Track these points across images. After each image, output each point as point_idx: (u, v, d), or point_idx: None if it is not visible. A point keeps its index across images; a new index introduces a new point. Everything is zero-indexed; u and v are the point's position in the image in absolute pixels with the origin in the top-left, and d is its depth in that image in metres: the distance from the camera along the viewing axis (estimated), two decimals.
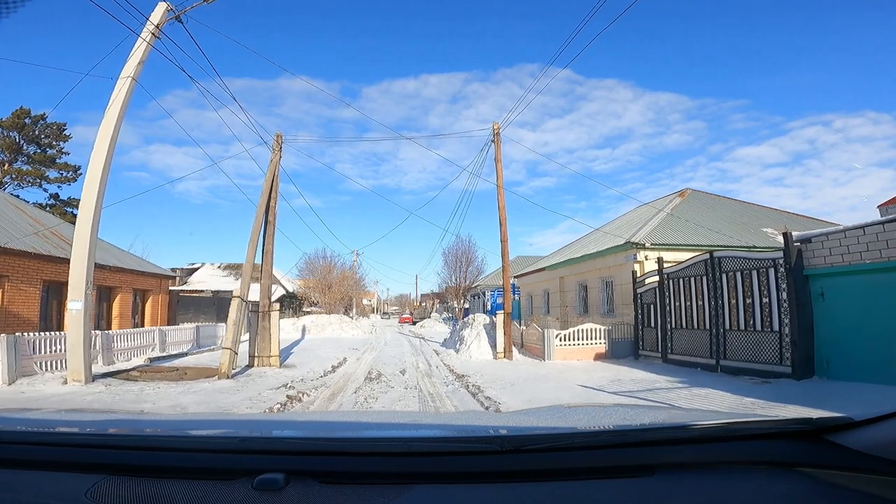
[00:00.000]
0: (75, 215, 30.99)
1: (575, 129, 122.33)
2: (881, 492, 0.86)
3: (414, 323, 46.39)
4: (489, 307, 34.18)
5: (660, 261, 12.24)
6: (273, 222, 12.29)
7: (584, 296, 17.38)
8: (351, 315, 51.73)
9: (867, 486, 0.88)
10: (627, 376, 9.77)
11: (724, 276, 9.88)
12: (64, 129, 32.89)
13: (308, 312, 36.70)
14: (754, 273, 9.15)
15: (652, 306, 12.31)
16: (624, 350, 13.07)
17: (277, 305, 12.20)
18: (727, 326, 9.70)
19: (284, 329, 26.43)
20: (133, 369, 10.94)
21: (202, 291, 25.68)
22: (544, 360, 12.80)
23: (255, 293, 12.11)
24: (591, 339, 13.07)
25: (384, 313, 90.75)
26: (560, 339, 12.96)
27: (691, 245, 13.30)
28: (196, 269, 37.63)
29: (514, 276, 25.80)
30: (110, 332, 12.56)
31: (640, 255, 13.47)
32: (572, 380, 9.35)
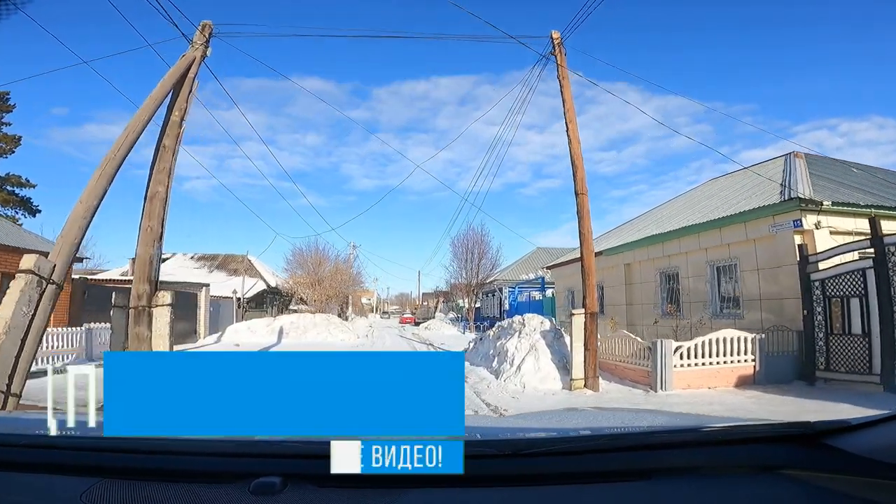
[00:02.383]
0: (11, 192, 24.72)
1: (582, 132, 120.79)
2: (878, 495, 0.86)
3: (417, 324, 40.92)
4: (506, 306, 28.89)
5: (875, 223, 6.90)
6: (173, 150, 6.89)
7: (673, 288, 12.10)
8: (346, 314, 46.49)
9: (864, 489, 0.88)
10: None
11: None
12: (7, 99, 27.81)
13: (296, 311, 31.43)
14: None
15: (853, 301, 7.02)
16: (784, 370, 7.85)
17: (168, 297, 6.56)
18: None
19: (256, 332, 21.22)
20: None
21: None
22: (655, 389, 7.57)
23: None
24: (730, 353, 7.81)
25: (384, 313, 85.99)
26: (680, 356, 7.69)
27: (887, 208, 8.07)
28: (166, 259, 32.37)
29: (547, 268, 20.52)
30: None
31: (808, 222, 8.16)
32: None
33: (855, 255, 7.24)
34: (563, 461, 0.98)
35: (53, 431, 1.08)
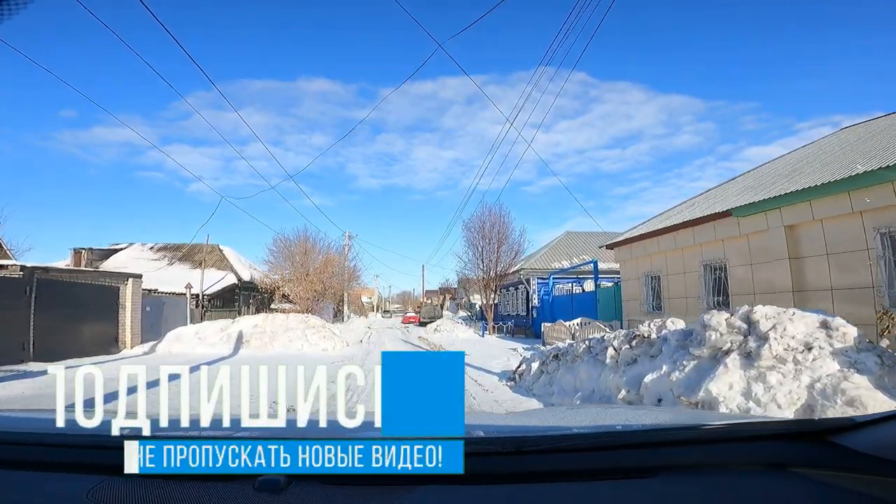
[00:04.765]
0: None
1: (586, 130, 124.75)
2: (883, 493, 0.85)
3: (423, 324, 35.15)
4: (535, 302, 23.27)
5: None
6: None
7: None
8: (342, 314, 40.82)
9: (869, 487, 0.87)
10: None
11: None
12: None
13: (275, 310, 25.84)
14: None
15: None
16: None
17: None
18: None
19: (206, 339, 15.53)
20: None
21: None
22: None
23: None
24: None
25: (385, 312, 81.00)
26: None
27: None
28: (118, 251, 26.84)
29: (608, 246, 14.85)
30: None
31: None
32: None
33: None
34: (566, 458, 0.98)
35: (60, 429, 1.08)
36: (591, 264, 16.91)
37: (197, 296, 19.91)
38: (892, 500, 0.85)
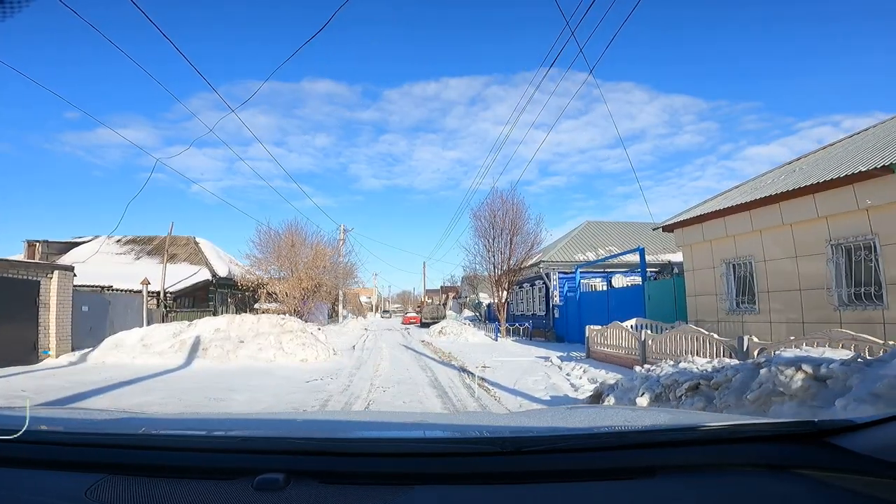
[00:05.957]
0: None
1: (589, 130, 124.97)
2: (883, 494, 0.84)
3: (425, 325, 31.93)
4: (556, 300, 20.13)
5: None
6: None
7: None
8: (338, 314, 37.56)
9: (869, 488, 0.86)
10: None
11: None
12: None
13: (257, 311, 22.69)
14: None
15: None
16: None
17: None
18: None
19: (152, 346, 12.10)
20: None
21: None
22: None
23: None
24: None
25: (384, 312, 78.13)
26: None
27: None
28: (81, 243, 23.65)
29: (666, 228, 11.75)
30: None
31: None
32: None
33: None
34: (566, 458, 0.96)
35: (58, 427, 1.14)
36: (637, 252, 13.69)
37: (157, 293, 16.77)
38: (892, 501, 0.83)
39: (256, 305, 24.74)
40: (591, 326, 10.43)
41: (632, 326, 10.03)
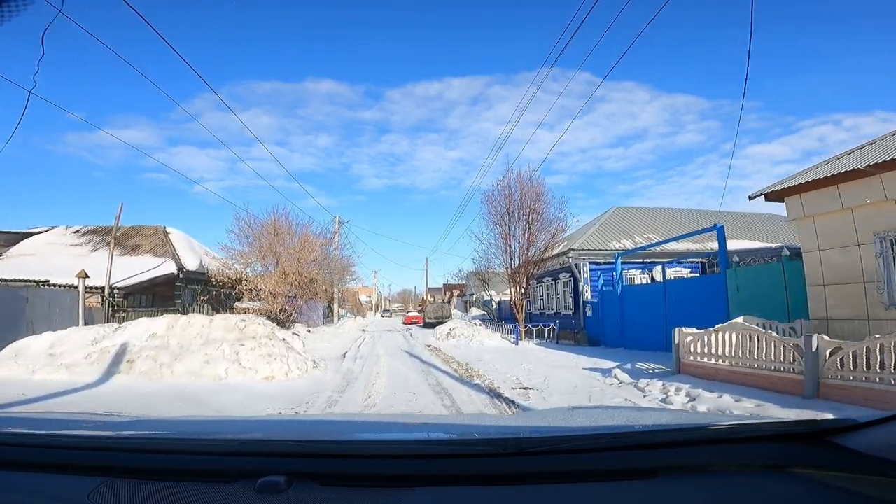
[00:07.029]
0: None
1: (591, 129, 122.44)
2: (885, 494, 0.83)
3: (429, 325, 28.61)
4: (588, 296, 16.96)
5: None
6: None
7: None
8: (334, 312, 34.36)
9: (871, 488, 0.85)
10: None
11: None
12: None
13: (235, 309, 19.54)
14: None
15: None
16: None
17: None
18: None
19: (63, 356, 6.97)
20: None
21: None
22: None
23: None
24: None
25: (385, 311, 74.99)
26: None
27: None
28: (35, 234, 20.54)
29: (765, 196, 8.51)
30: None
31: None
32: None
33: None
34: (567, 459, 0.95)
35: (60, 431, 1.12)
36: (715, 231, 10.24)
37: (101, 289, 13.64)
38: (893, 500, 0.82)
39: (237, 305, 21.64)
40: (684, 329, 7.28)
41: (758, 325, 6.84)
